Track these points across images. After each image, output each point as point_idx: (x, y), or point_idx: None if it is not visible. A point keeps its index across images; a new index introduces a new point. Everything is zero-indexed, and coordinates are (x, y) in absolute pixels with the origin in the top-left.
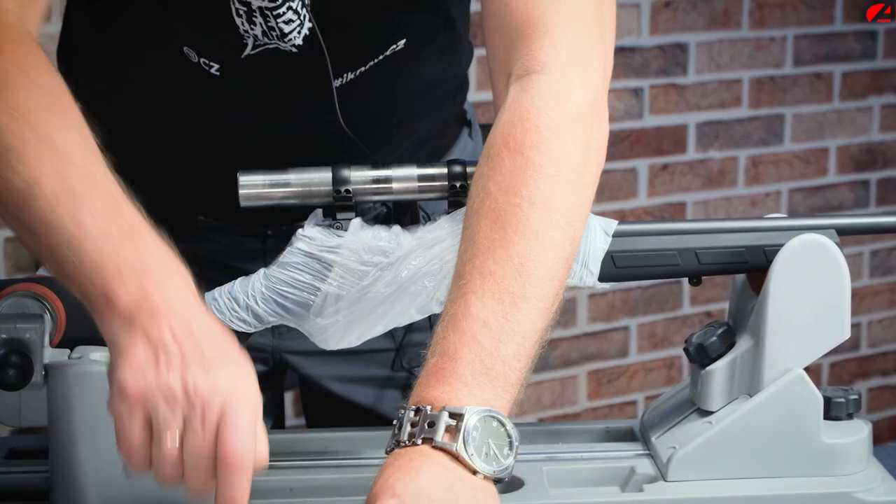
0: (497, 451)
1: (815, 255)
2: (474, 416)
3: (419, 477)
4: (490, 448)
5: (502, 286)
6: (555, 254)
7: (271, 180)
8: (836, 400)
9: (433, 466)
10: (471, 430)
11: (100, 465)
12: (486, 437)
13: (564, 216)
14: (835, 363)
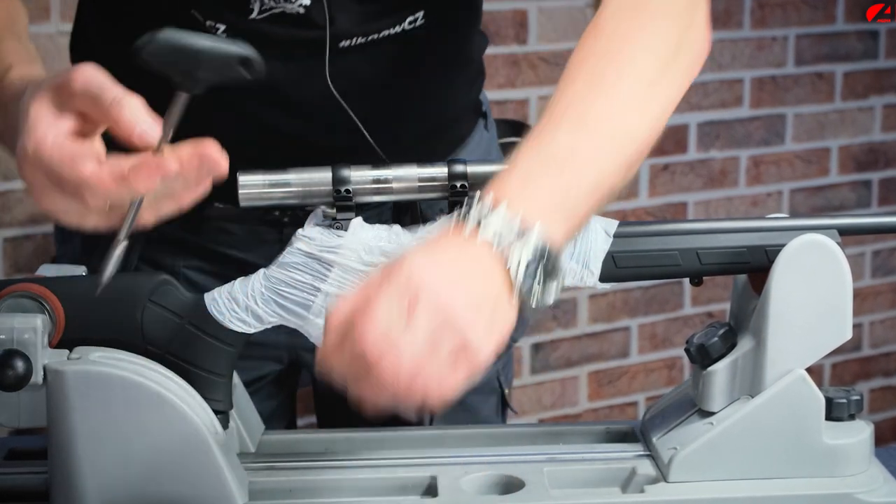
0: (542, 283)
1: (817, 255)
2: (536, 241)
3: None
4: (538, 277)
5: (593, 127)
6: (643, 121)
7: (271, 180)
8: (837, 401)
9: (479, 261)
10: (529, 251)
11: (99, 466)
12: (540, 264)
13: (655, 97)
14: (836, 364)
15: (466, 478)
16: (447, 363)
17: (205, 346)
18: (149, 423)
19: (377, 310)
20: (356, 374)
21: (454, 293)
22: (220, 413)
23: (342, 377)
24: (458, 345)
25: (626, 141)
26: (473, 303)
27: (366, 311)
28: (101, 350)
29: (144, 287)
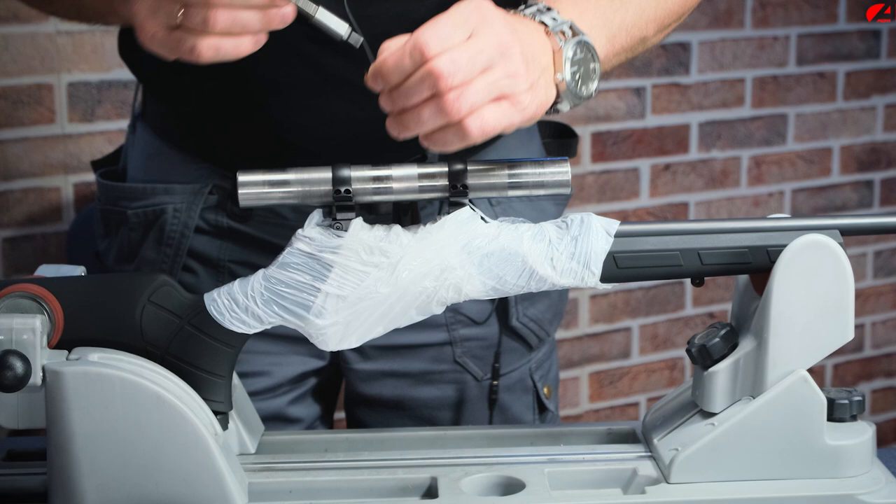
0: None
1: (819, 255)
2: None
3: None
4: (580, 72)
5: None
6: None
7: (270, 180)
8: (839, 401)
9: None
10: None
11: (98, 467)
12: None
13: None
14: (838, 364)
15: (467, 479)
16: (494, 92)
17: (204, 347)
18: (148, 424)
19: (442, 21)
20: (405, 81)
21: (514, 38)
22: (220, 414)
23: (389, 87)
24: (506, 83)
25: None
26: (528, 57)
27: (431, 23)
28: (101, 351)
29: (144, 287)
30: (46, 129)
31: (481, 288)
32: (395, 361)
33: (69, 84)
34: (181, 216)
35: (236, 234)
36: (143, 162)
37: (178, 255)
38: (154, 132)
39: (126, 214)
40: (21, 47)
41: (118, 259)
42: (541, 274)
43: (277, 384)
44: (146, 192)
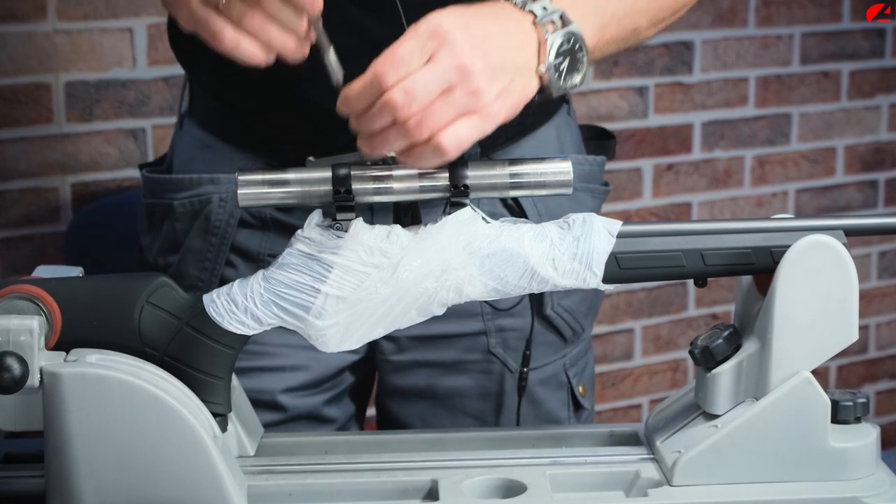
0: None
1: (823, 256)
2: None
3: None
4: (565, 61)
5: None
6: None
7: (270, 180)
8: (843, 403)
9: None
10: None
11: (96, 470)
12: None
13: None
14: (842, 366)
15: (468, 481)
16: (457, 111)
17: (203, 348)
18: (146, 426)
19: (399, 47)
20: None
21: (475, 54)
22: (219, 416)
23: (357, 115)
24: (468, 100)
25: None
26: (493, 67)
27: (389, 50)
28: (99, 352)
29: (142, 288)
30: (44, 129)
31: (482, 289)
32: (429, 351)
33: (67, 83)
34: (227, 205)
35: (279, 224)
36: (190, 155)
37: (223, 244)
38: (201, 126)
39: (172, 206)
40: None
41: (162, 252)
42: (542, 275)
43: (315, 380)
44: (192, 182)
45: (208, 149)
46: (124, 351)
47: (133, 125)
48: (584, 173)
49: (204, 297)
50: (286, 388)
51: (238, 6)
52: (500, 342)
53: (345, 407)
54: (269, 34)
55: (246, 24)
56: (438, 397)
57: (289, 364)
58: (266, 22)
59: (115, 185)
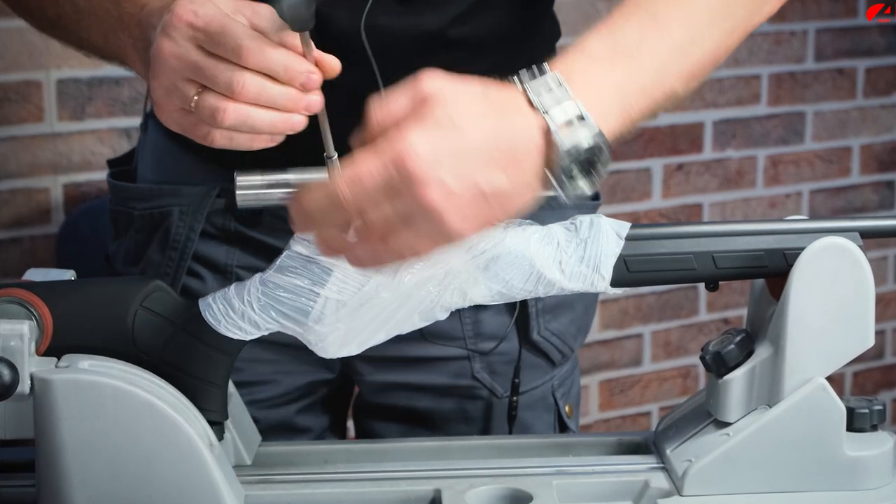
0: (583, 173)
1: (838, 258)
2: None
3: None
4: (580, 168)
5: (665, 27)
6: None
7: (269, 181)
8: (859, 411)
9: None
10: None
11: (88, 479)
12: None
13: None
14: (858, 372)
15: (472, 491)
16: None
17: (199, 354)
18: (141, 434)
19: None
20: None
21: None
22: (215, 423)
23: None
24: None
25: (693, 46)
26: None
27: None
28: (91, 358)
29: (136, 292)
30: (35, 128)
31: (487, 293)
32: (410, 374)
33: (58, 81)
34: (187, 219)
35: (244, 239)
36: (153, 162)
37: (182, 258)
38: (163, 132)
39: (133, 215)
40: (9, 42)
41: (126, 261)
42: (549, 278)
43: (284, 393)
44: (153, 192)
45: (170, 156)
46: (118, 356)
47: (127, 124)
48: None
49: (200, 302)
50: (254, 400)
51: (208, 104)
52: (485, 367)
53: (318, 417)
54: (251, 122)
55: (222, 122)
56: (420, 419)
57: (256, 379)
58: (243, 109)
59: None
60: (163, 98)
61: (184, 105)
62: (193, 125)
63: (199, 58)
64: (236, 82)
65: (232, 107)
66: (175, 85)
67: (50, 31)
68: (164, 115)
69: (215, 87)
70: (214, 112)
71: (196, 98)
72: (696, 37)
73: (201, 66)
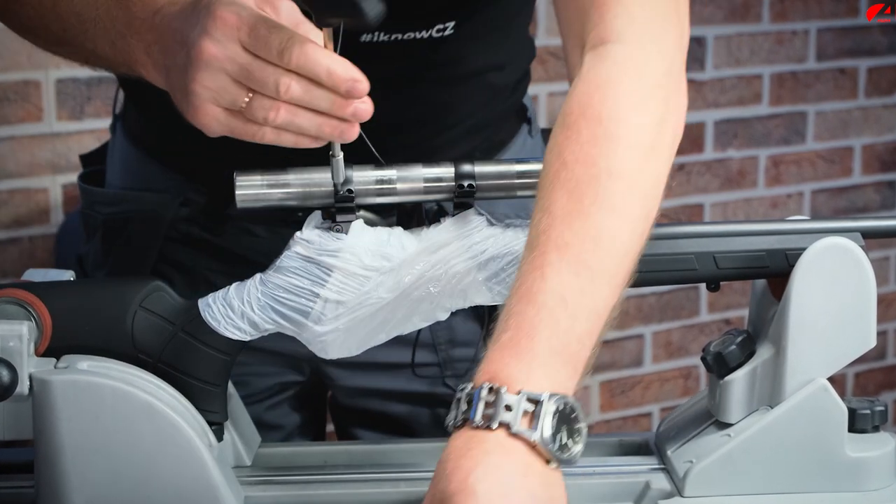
0: (569, 439)
1: (840, 259)
2: (553, 404)
3: (500, 472)
4: (562, 436)
5: (579, 259)
6: (632, 228)
7: (269, 181)
8: (861, 411)
9: (512, 459)
10: (550, 418)
11: (88, 480)
12: (561, 424)
13: (642, 190)
14: (860, 373)
15: None
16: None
17: (198, 355)
18: (140, 435)
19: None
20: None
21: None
22: (215, 424)
23: None
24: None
25: (617, 259)
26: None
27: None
28: (90, 358)
29: (135, 292)
30: (34, 128)
31: (488, 294)
32: (382, 379)
33: (57, 80)
34: (149, 226)
35: (210, 246)
36: (120, 167)
37: (144, 265)
38: (130, 138)
39: (100, 220)
40: (7, 42)
41: (94, 265)
42: None
43: (253, 393)
44: (117, 198)
45: (136, 162)
46: (117, 357)
47: None
48: None
49: (199, 302)
50: None
51: (261, 104)
52: (456, 374)
53: (289, 416)
54: (298, 124)
55: (273, 121)
56: (394, 422)
57: None
58: (293, 111)
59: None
60: (206, 101)
61: (233, 107)
62: (243, 125)
63: (247, 60)
64: (282, 84)
65: (284, 108)
66: (224, 87)
67: (56, 48)
68: (205, 118)
69: (263, 89)
70: (266, 113)
71: (248, 99)
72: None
73: (249, 69)
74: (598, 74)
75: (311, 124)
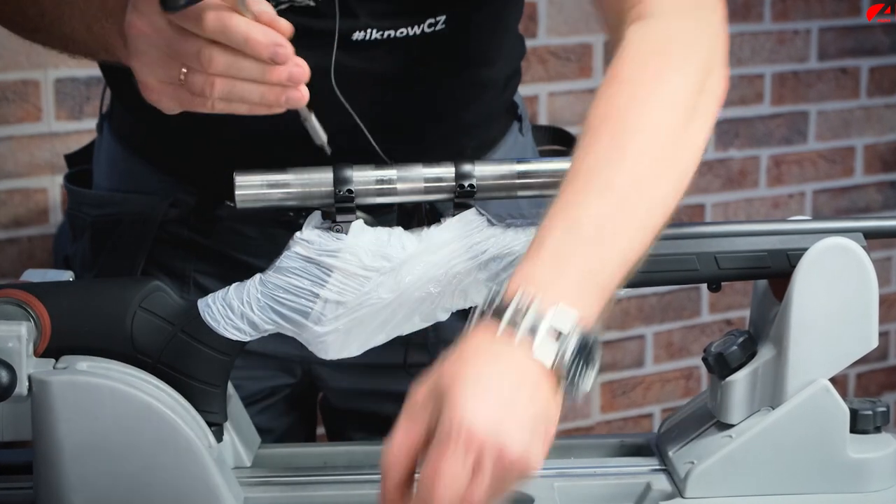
0: (583, 372)
1: (841, 259)
2: (578, 333)
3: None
4: (579, 368)
5: (620, 198)
6: (671, 182)
7: (269, 181)
8: (863, 412)
9: (523, 376)
10: (572, 346)
11: (87, 481)
12: (580, 356)
13: (683, 148)
14: (862, 374)
15: None
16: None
17: (198, 355)
18: (139, 436)
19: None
20: None
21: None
22: (215, 425)
23: None
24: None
25: (653, 206)
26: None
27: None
28: (89, 359)
29: (134, 293)
30: (32, 128)
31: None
32: (374, 380)
33: (56, 80)
34: (138, 228)
35: (199, 248)
36: (107, 168)
37: (133, 267)
38: (117, 138)
39: (87, 221)
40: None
41: (82, 266)
42: None
43: (245, 396)
44: (105, 200)
45: (124, 163)
46: (116, 358)
47: None
48: None
49: (199, 303)
50: None
51: (196, 77)
52: None
53: (280, 419)
54: (239, 93)
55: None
56: (386, 423)
57: None
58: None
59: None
60: (149, 78)
61: (173, 81)
62: (191, 99)
63: (170, 33)
64: (204, 56)
65: (218, 80)
66: (157, 62)
67: (33, 34)
68: (152, 94)
69: (190, 62)
70: (203, 86)
71: (184, 73)
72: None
73: (172, 43)
74: (640, 44)
75: (252, 93)
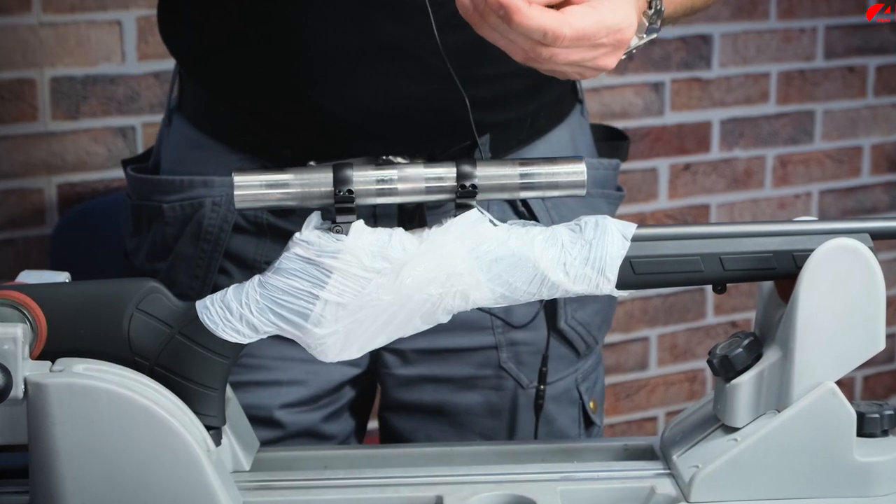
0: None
1: (848, 260)
2: None
3: None
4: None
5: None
6: None
7: (268, 181)
8: (870, 416)
9: None
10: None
11: (83, 486)
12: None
13: None
14: (869, 376)
15: (474, 498)
16: None
17: (196, 358)
18: (136, 440)
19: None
20: None
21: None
22: (213, 429)
23: None
24: None
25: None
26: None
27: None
28: (86, 361)
29: (132, 294)
30: (28, 127)
31: (490, 295)
32: (436, 366)
33: (52, 79)
34: (220, 210)
35: (276, 230)
36: (180, 154)
37: (215, 251)
38: (192, 123)
39: (161, 209)
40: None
41: (150, 257)
42: (553, 280)
43: (314, 395)
44: (183, 184)
45: (200, 148)
46: (113, 360)
47: (122, 123)
48: (599, 178)
49: (197, 304)
50: (283, 403)
51: None
52: (512, 357)
53: (344, 423)
54: None
55: None
56: (445, 414)
57: (286, 378)
58: None
59: (102, 186)
60: None
61: None
62: None
63: None
64: None
65: None
66: None
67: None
68: None
69: None
70: None
71: None
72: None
73: None
74: None
75: None
